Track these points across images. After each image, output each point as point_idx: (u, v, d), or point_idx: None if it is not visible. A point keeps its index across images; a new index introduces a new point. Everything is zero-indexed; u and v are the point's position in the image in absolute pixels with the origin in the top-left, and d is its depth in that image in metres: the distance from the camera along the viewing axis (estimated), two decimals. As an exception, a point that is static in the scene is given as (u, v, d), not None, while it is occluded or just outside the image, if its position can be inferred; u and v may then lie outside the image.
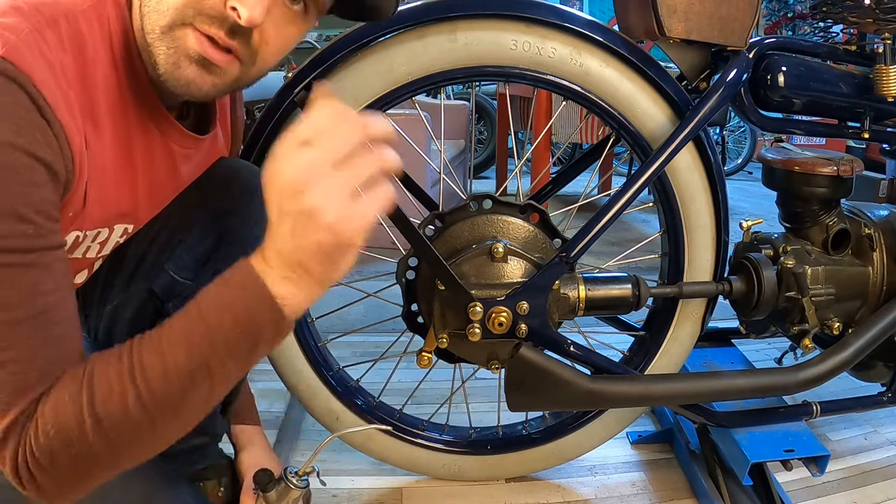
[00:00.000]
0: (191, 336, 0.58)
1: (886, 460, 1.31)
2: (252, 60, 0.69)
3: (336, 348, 1.23)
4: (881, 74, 1.10)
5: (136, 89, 0.70)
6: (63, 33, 0.61)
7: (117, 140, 0.69)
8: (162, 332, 0.59)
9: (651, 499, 1.20)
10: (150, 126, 0.74)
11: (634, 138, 1.04)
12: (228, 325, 0.58)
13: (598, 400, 1.04)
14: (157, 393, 0.57)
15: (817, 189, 1.14)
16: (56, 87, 0.58)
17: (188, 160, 0.82)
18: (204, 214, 0.87)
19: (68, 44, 0.62)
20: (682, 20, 1.00)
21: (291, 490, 0.85)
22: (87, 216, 0.68)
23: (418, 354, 1.02)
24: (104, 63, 0.66)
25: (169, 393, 0.58)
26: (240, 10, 0.63)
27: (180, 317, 0.59)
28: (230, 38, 0.65)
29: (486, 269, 1.01)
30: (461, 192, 1.18)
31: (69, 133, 0.59)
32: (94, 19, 0.65)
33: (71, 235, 0.68)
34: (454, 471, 1.20)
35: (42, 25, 0.59)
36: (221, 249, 0.88)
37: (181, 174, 0.82)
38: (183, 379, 0.58)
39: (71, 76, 0.62)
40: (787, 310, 1.12)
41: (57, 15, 0.61)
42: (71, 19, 0.62)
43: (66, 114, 0.59)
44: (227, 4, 0.63)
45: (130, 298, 0.92)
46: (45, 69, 0.57)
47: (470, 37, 0.96)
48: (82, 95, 0.63)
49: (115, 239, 0.77)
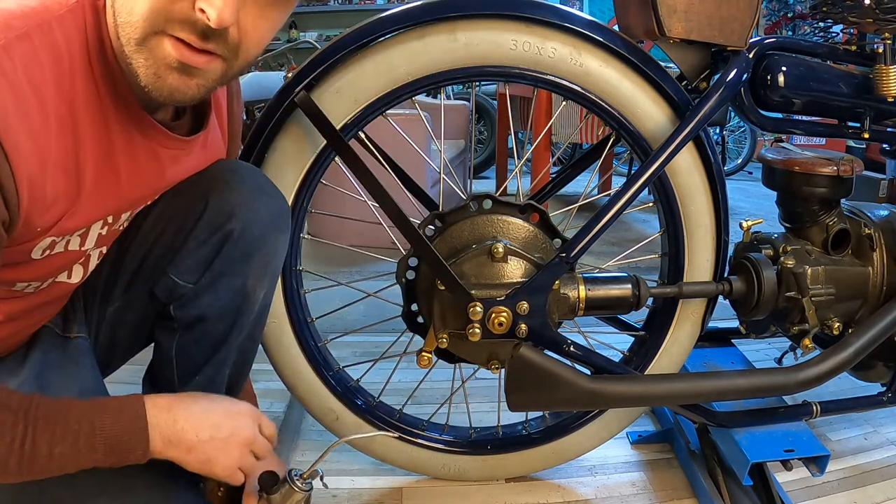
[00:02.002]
0: (76, 441, 0.69)
1: (886, 460, 1.31)
2: (234, 54, 0.67)
3: (336, 348, 1.23)
4: (881, 74, 1.10)
5: (115, 95, 0.69)
6: (37, 46, 0.60)
7: (99, 147, 0.68)
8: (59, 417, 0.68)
9: (651, 499, 1.20)
10: (132, 130, 0.73)
11: (634, 138, 1.04)
12: (102, 440, 0.70)
13: (598, 400, 1.04)
14: (33, 466, 0.67)
15: (817, 189, 1.14)
16: (14, 111, 0.58)
17: (177, 161, 0.82)
18: (205, 217, 0.87)
19: (43, 55, 0.61)
20: (682, 20, 1.00)
21: (295, 493, 0.85)
22: (63, 226, 0.68)
23: (418, 354, 1.02)
24: (82, 70, 0.65)
25: (43, 469, 0.68)
26: (208, 13, 0.61)
27: (75, 414, 0.70)
28: (205, 41, 0.64)
29: (486, 269, 1.01)
30: (461, 192, 1.18)
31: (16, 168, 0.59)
32: (70, 26, 0.64)
33: (46, 240, 0.68)
34: (454, 471, 1.20)
35: (10, 42, 0.58)
36: (224, 251, 0.88)
37: (167, 177, 0.82)
38: (57, 465, 0.69)
39: (45, 88, 0.61)
40: (787, 310, 1.12)
41: (29, 28, 0.60)
42: (45, 29, 0.61)
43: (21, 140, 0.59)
44: (195, 7, 0.62)
45: (132, 301, 0.92)
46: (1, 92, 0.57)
47: (470, 37, 0.96)
48: (60, 105, 0.63)
49: (97, 231, 0.76)
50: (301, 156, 1.01)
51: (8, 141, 0.57)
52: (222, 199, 0.87)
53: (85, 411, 0.70)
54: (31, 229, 0.64)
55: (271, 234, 0.90)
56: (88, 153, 0.67)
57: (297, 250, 1.08)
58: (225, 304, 0.89)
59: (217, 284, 0.89)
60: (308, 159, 1.01)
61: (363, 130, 1.04)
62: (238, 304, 0.90)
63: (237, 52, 0.67)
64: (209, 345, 0.91)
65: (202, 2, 0.61)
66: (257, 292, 0.91)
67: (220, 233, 0.87)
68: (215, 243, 0.88)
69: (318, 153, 1.01)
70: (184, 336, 0.91)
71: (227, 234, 0.87)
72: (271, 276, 0.93)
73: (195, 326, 0.90)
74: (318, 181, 1.04)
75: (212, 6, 0.61)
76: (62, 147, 0.64)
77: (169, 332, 0.92)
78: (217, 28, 0.62)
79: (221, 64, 0.67)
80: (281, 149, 1.00)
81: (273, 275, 0.94)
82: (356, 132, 1.02)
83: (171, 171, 0.82)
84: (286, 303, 1.07)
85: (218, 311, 0.90)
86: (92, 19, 0.65)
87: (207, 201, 0.87)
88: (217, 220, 0.87)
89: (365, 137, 1.08)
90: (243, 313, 0.91)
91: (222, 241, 0.88)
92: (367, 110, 0.99)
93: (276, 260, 0.93)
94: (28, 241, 0.66)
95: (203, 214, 0.87)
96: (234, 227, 0.87)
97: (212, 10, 0.61)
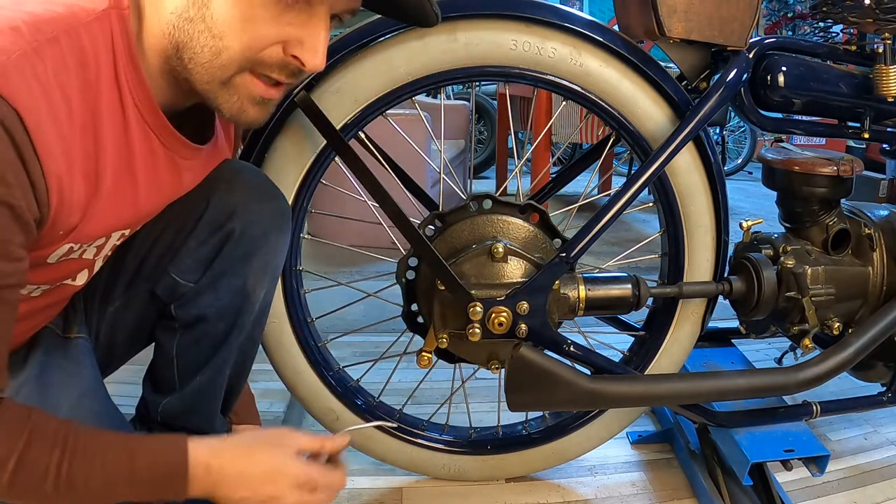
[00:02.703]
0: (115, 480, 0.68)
1: (886, 460, 1.31)
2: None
3: (336, 348, 1.23)
4: (881, 74, 1.10)
5: (139, 106, 0.69)
6: (65, 50, 0.60)
7: (119, 155, 0.68)
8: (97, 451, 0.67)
9: (651, 499, 1.20)
10: (154, 140, 0.73)
11: (634, 138, 1.04)
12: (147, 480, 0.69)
13: (598, 400, 1.04)
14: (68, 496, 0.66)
15: (817, 189, 1.14)
16: (46, 111, 0.58)
17: (192, 169, 0.82)
18: (206, 216, 0.87)
19: (71, 60, 0.61)
20: (682, 20, 1.01)
21: None
22: (81, 232, 0.68)
23: (418, 354, 1.03)
24: (107, 79, 0.65)
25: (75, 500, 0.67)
26: (304, 59, 0.67)
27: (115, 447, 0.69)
28: (290, 79, 0.70)
29: (486, 269, 1.01)
30: (461, 192, 1.18)
31: (47, 167, 0.59)
32: (97, 34, 0.64)
33: (64, 247, 0.68)
34: (454, 471, 1.20)
35: (42, 45, 0.58)
36: (224, 251, 0.88)
37: (184, 184, 0.82)
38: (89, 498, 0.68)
39: (72, 93, 0.61)
40: (787, 310, 1.12)
41: (58, 32, 0.60)
42: (73, 35, 0.61)
43: (52, 140, 0.59)
44: (286, 52, 0.67)
45: (132, 300, 0.92)
46: (35, 93, 0.57)
47: (470, 37, 0.96)
48: (84, 110, 0.63)
49: (113, 242, 0.77)
50: (301, 156, 1.01)
51: (40, 141, 0.57)
52: (223, 198, 0.87)
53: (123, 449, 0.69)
54: (54, 232, 0.64)
55: (272, 234, 0.91)
56: (108, 160, 0.67)
57: (297, 250, 1.08)
58: (225, 304, 0.90)
59: (217, 284, 0.89)
60: (308, 159, 1.01)
61: (363, 130, 1.04)
62: (238, 303, 0.90)
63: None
64: (209, 345, 0.92)
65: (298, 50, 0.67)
66: (257, 292, 0.92)
67: (221, 232, 0.88)
68: (216, 243, 0.88)
69: (318, 153, 1.01)
70: (184, 336, 0.92)
71: (228, 233, 0.88)
72: (271, 275, 0.94)
73: (196, 326, 0.91)
74: (318, 181, 1.04)
75: (312, 58, 0.67)
76: (84, 152, 0.64)
77: (169, 332, 0.92)
78: (310, 72, 0.69)
79: (285, 90, 0.73)
80: (281, 149, 1.00)
81: (273, 275, 0.94)
82: (356, 132, 1.02)
83: (188, 180, 0.82)
84: (286, 303, 1.07)
85: (218, 310, 0.90)
86: (119, 30, 0.65)
87: (208, 201, 0.87)
88: (218, 219, 0.87)
89: (365, 137, 1.08)
90: (243, 313, 0.91)
91: (223, 241, 0.88)
92: (367, 110, 0.99)
93: (276, 260, 0.93)
94: (49, 244, 0.66)
95: (204, 214, 0.87)
96: (234, 226, 0.87)
97: (311, 61, 0.67)
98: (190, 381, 0.93)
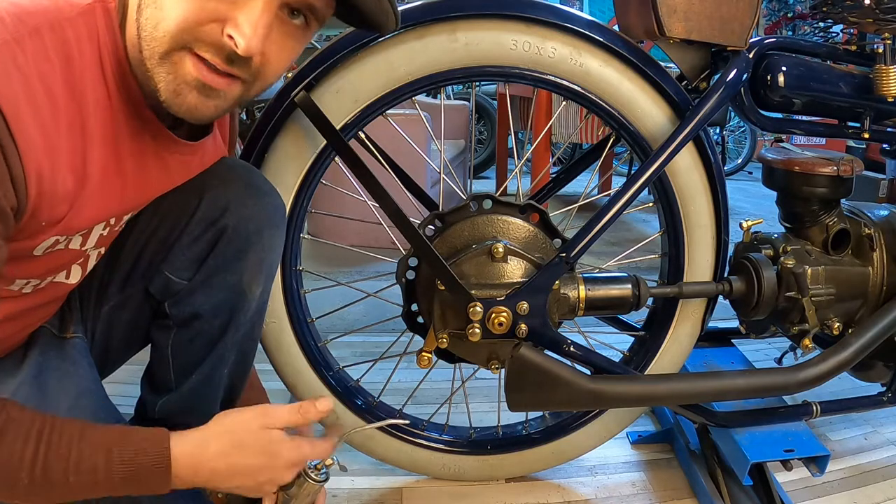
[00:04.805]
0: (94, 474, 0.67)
1: (886, 460, 1.31)
2: (254, 79, 0.69)
3: (336, 348, 1.23)
4: (881, 74, 1.10)
5: (127, 100, 0.69)
6: (47, 43, 0.60)
7: (107, 150, 0.68)
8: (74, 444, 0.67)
9: (651, 499, 1.20)
10: (143, 135, 0.73)
11: (634, 138, 1.04)
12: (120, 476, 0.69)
13: (598, 400, 1.04)
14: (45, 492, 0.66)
15: (817, 189, 1.14)
16: (25, 101, 0.58)
17: (184, 166, 0.82)
18: (199, 213, 0.87)
19: (53, 54, 0.61)
20: (682, 20, 1.00)
21: (310, 484, 0.84)
22: (68, 224, 0.68)
23: (418, 354, 1.02)
24: (93, 73, 0.65)
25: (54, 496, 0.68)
26: (237, 40, 0.62)
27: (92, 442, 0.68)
28: (229, 65, 0.65)
29: (486, 269, 1.01)
30: (461, 192, 1.18)
31: (26, 157, 0.58)
32: (82, 28, 0.64)
33: (50, 239, 0.68)
34: (454, 471, 1.20)
35: (23, 36, 0.58)
36: (218, 248, 0.88)
37: (173, 179, 0.82)
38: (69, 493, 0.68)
39: (55, 86, 0.61)
40: (787, 310, 1.12)
41: (41, 24, 0.60)
42: (56, 28, 0.61)
43: (31, 130, 0.58)
44: (223, 32, 0.62)
45: (128, 299, 0.92)
46: (14, 82, 0.57)
47: (470, 37, 0.96)
48: (70, 105, 0.63)
49: (98, 232, 0.76)
50: (301, 156, 1.01)
51: (17, 127, 0.57)
52: (216, 195, 0.87)
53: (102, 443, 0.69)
54: (36, 223, 0.64)
55: (266, 231, 0.90)
56: (96, 155, 0.67)
57: (297, 250, 1.08)
58: (220, 301, 0.89)
59: (211, 281, 0.88)
60: (308, 159, 1.01)
61: (363, 130, 1.04)
62: (233, 300, 0.90)
63: (256, 78, 0.69)
64: (205, 343, 0.91)
65: (232, 28, 0.62)
66: (253, 289, 0.91)
67: (214, 229, 0.87)
68: (209, 239, 0.87)
69: (318, 153, 1.01)
70: (179, 333, 0.91)
71: (221, 230, 0.87)
72: (267, 272, 0.93)
73: (190, 324, 0.90)
74: (318, 181, 1.04)
75: (242, 36, 0.62)
76: (71, 146, 0.64)
77: (164, 330, 0.92)
78: (244, 56, 0.63)
79: (240, 87, 0.68)
80: (281, 149, 1.00)
81: (269, 271, 0.94)
82: (356, 132, 1.02)
83: (178, 175, 0.82)
84: (286, 303, 1.07)
85: (212, 307, 0.89)
86: (104, 24, 0.65)
87: (201, 198, 0.87)
88: (211, 216, 0.87)
89: (365, 137, 1.08)
90: (239, 310, 0.91)
91: (216, 238, 0.87)
92: (366, 110, 0.99)
93: (271, 256, 0.93)
94: (32, 236, 0.66)
95: (197, 211, 0.87)
96: (227, 223, 0.87)
97: (241, 39, 0.62)
98: (187, 380, 0.93)
